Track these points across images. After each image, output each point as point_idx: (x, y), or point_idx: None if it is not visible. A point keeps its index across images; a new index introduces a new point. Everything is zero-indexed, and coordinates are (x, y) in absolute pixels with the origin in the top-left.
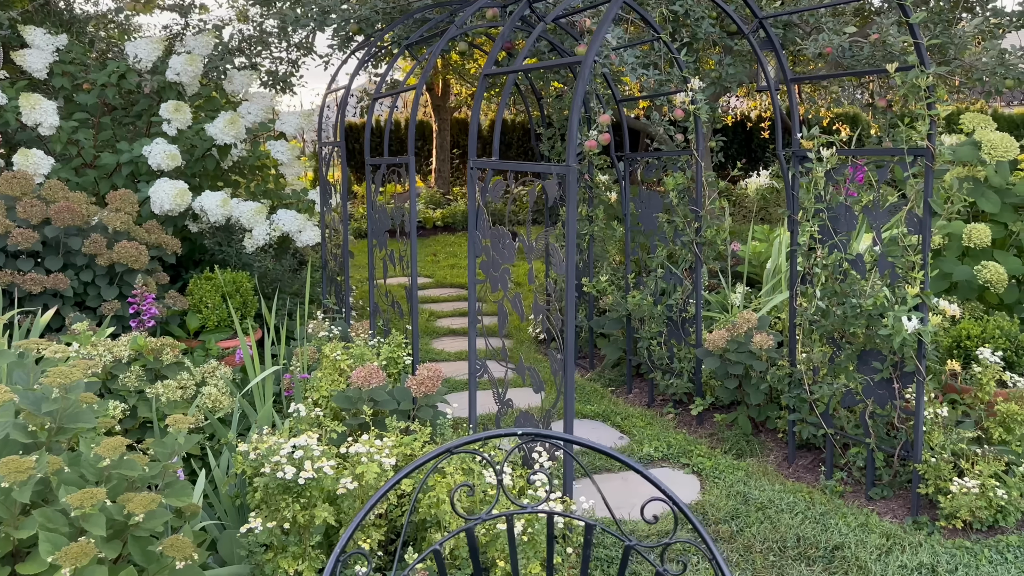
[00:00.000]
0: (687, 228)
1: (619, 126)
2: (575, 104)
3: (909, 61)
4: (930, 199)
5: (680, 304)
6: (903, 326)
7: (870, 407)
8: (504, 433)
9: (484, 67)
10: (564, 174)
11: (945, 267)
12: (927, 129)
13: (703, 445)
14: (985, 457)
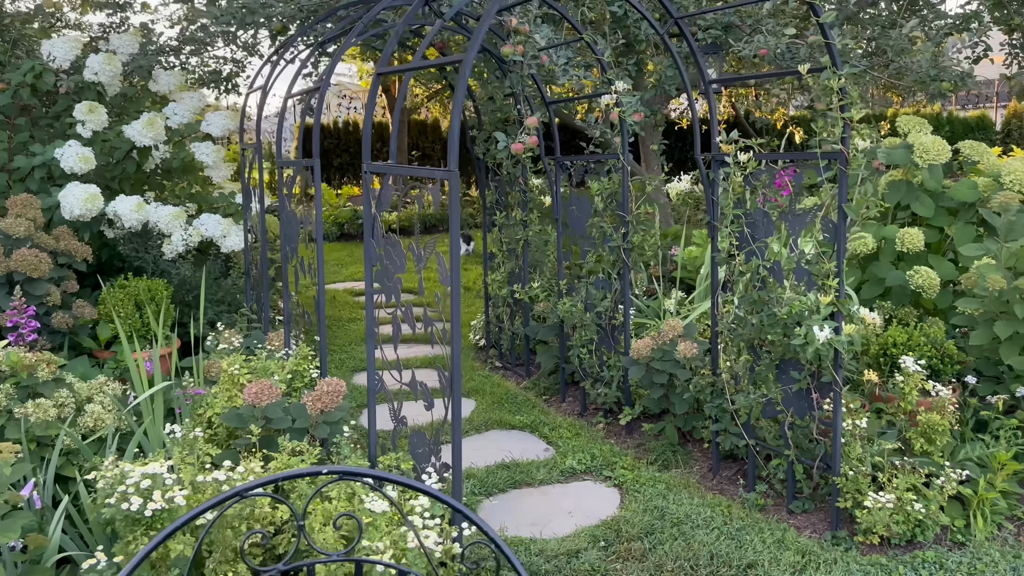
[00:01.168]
0: (615, 233)
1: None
2: (456, 105)
3: (822, 62)
4: (844, 204)
5: (610, 311)
6: (816, 336)
7: (790, 418)
8: (306, 473)
9: (377, 65)
10: (447, 179)
11: (879, 272)
12: (840, 132)
13: (629, 456)
14: (904, 469)
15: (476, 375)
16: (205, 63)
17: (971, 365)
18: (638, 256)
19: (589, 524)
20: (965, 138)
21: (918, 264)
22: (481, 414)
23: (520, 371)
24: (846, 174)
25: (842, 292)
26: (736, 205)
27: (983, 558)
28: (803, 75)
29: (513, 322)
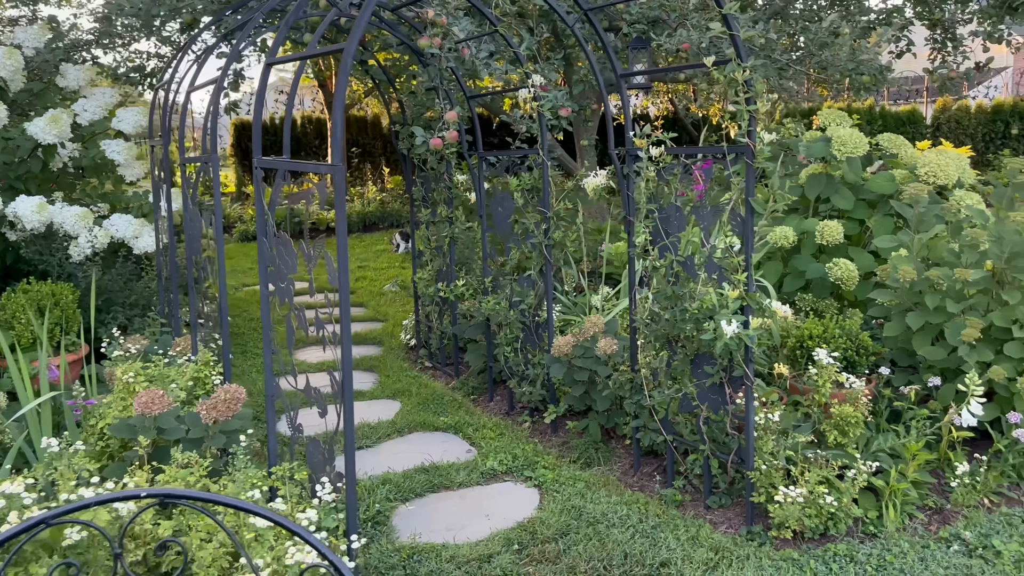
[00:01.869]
0: (536, 230)
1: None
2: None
3: (727, 54)
4: (751, 199)
5: (534, 309)
6: (724, 331)
7: (705, 413)
8: (121, 497)
9: (267, 56)
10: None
11: (800, 265)
12: (746, 125)
13: (551, 455)
14: (817, 462)
15: (404, 376)
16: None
17: (886, 356)
18: (560, 253)
19: (505, 527)
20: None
21: (839, 256)
22: (405, 416)
23: (449, 371)
24: (752, 168)
25: (751, 286)
26: (650, 200)
27: (892, 549)
28: (708, 67)
29: (442, 321)
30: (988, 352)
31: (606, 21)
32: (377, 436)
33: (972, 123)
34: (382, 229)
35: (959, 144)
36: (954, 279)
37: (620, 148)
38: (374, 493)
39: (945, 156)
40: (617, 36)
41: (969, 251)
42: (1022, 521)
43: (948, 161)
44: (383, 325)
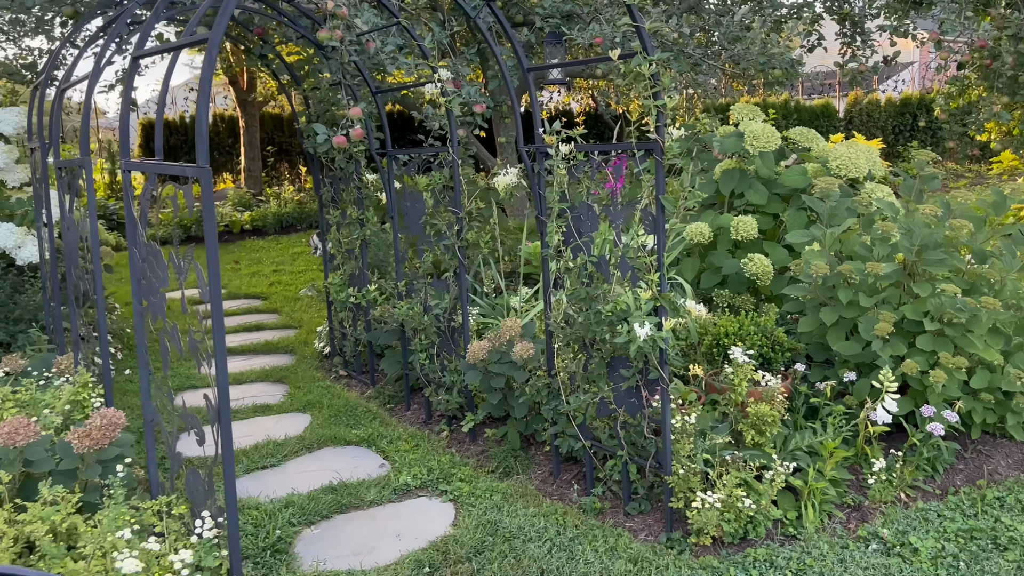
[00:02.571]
0: (448, 231)
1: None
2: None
3: (633, 47)
4: (662, 196)
5: (448, 313)
6: (637, 333)
7: (622, 416)
8: None
9: (133, 49)
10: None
11: (716, 261)
12: (654, 121)
13: (468, 466)
14: (735, 464)
15: (316, 386)
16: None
17: (802, 351)
18: (475, 254)
19: (417, 547)
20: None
21: (754, 252)
22: (315, 430)
23: (365, 379)
24: (662, 165)
25: (664, 286)
26: (562, 199)
27: (812, 552)
28: (615, 61)
29: (356, 327)
30: (901, 346)
31: (520, 15)
32: (283, 453)
33: (882, 116)
34: (300, 230)
35: (870, 136)
36: (866, 273)
37: (530, 145)
38: (275, 517)
39: (856, 149)
40: (531, 30)
41: (880, 244)
42: (937, 516)
43: (859, 154)
44: (296, 332)
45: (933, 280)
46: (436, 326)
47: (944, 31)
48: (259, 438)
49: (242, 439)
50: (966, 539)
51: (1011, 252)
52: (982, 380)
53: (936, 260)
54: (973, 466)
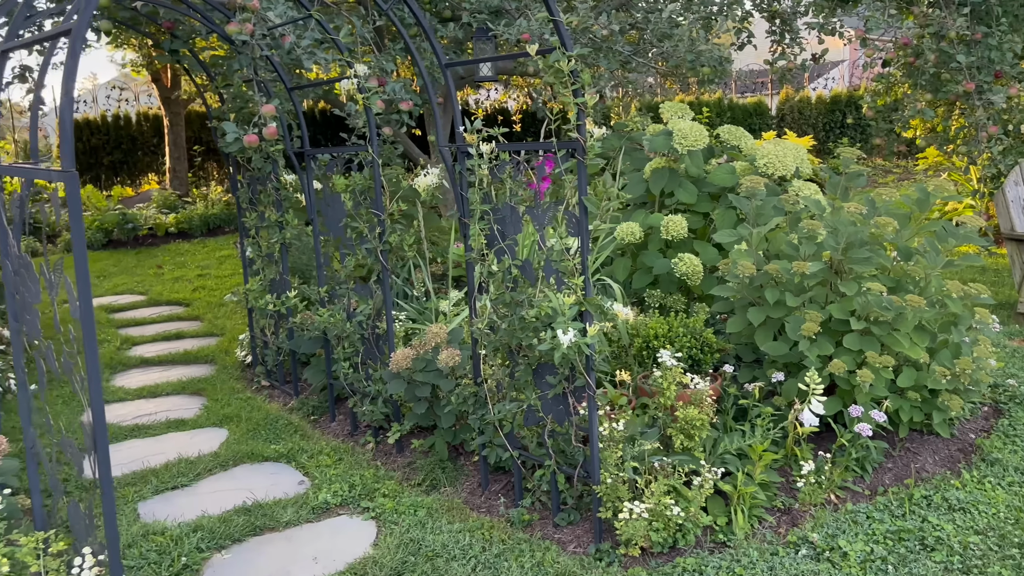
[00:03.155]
0: (370, 234)
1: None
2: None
3: (552, 43)
4: (584, 197)
5: (372, 319)
6: (560, 340)
7: (550, 425)
8: None
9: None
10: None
11: (648, 260)
12: (575, 119)
13: (393, 480)
14: (664, 470)
15: (235, 398)
16: None
17: (732, 352)
18: (397, 257)
19: (335, 571)
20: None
21: (685, 251)
22: (231, 446)
23: (288, 389)
24: (584, 164)
25: (588, 290)
26: (485, 200)
27: (742, 559)
28: (532, 56)
29: (278, 335)
30: (828, 345)
31: (449, 11)
32: (196, 472)
33: (813, 113)
34: (228, 232)
35: (802, 133)
36: (792, 272)
37: (451, 144)
38: (182, 543)
39: (783, 147)
40: (459, 26)
41: (807, 243)
42: (866, 517)
43: (786, 152)
44: (219, 340)
45: (860, 278)
46: (360, 333)
47: (868, 28)
48: (171, 456)
49: (152, 457)
50: (894, 541)
51: (935, 249)
52: (908, 379)
53: (861, 258)
54: (902, 464)
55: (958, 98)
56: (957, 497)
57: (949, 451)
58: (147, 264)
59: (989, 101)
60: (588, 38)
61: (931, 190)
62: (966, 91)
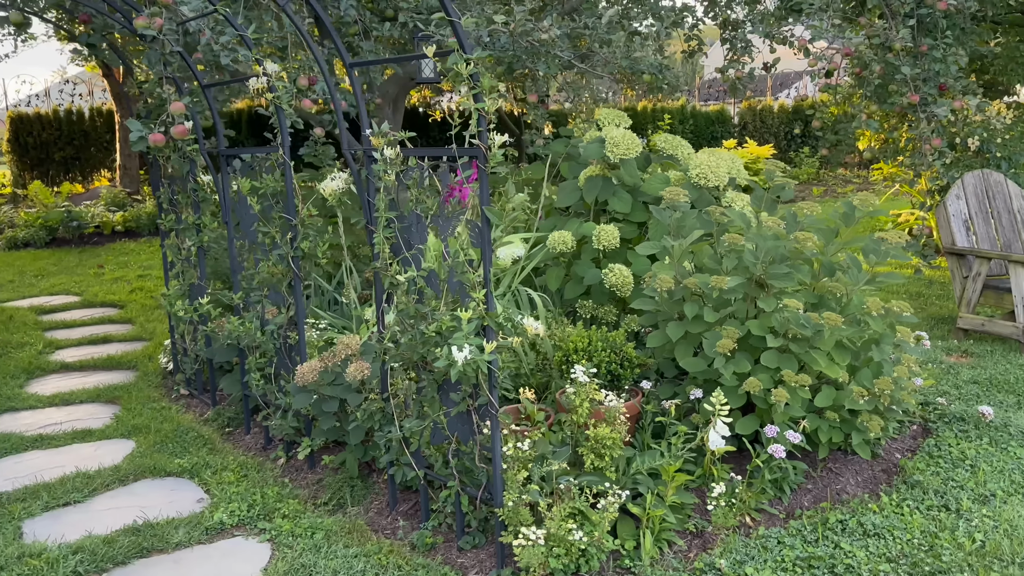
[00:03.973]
0: (282, 239)
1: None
2: None
3: (450, 44)
4: (486, 207)
5: (285, 328)
6: (455, 357)
7: (454, 444)
8: None
9: None
10: None
11: (579, 271)
12: (476, 125)
13: (297, 499)
14: (569, 492)
15: (150, 408)
16: None
17: (653, 367)
18: (311, 265)
19: None
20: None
21: (618, 261)
22: (135, 460)
23: (207, 399)
24: (486, 173)
25: (491, 304)
26: (391, 207)
27: None
28: (430, 57)
29: (197, 342)
30: (746, 362)
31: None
32: (92, 488)
33: (775, 122)
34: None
35: (763, 142)
36: (711, 287)
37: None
38: (58, 567)
39: (717, 157)
40: (395, 25)
41: (728, 257)
42: (778, 542)
43: (719, 162)
44: (146, 345)
45: (782, 294)
46: (274, 343)
47: (812, 38)
48: (69, 469)
49: (49, 471)
50: (804, 568)
51: (856, 265)
52: (827, 398)
53: (781, 274)
54: (822, 485)
55: (903, 110)
56: (873, 522)
57: (872, 472)
58: (89, 264)
59: (933, 114)
60: (527, 42)
61: (856, 204)
62: (911, 103)
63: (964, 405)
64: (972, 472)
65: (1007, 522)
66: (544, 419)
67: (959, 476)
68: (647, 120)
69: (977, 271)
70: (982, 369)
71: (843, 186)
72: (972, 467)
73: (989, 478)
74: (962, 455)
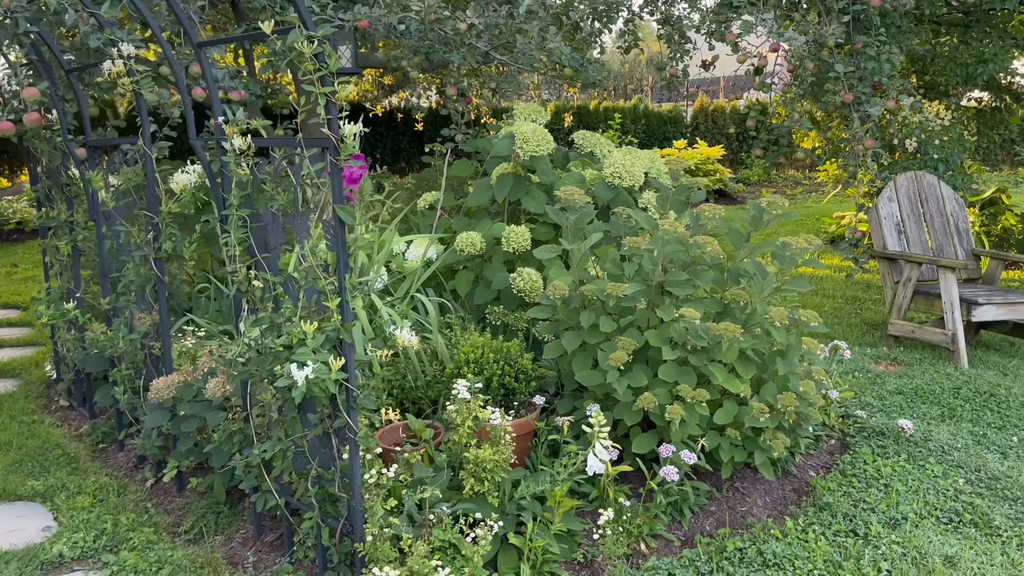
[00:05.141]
0: (142, 238)
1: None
2: None
3: (291, 19)
4: (338, 206)
5: (151, 337)
6: (294, 375)
7: (316, 469)
8: None
9: None
10: None
11: (488, 274)
12: (324, 113)
13: (154, 528)
14: (441, 522)
15: (19, 421)
16: None
17: (552, 380)
18: (178, 267)
19: None
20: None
21: (533, 265)
22: None
23: (84, 411)
24: (338, 167)
25: (346, 315)
26: (247, 204)
27: None
28: (268, 36)
29: (74, 350)
30: (643, 376)
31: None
32: None
33: (727, 123)
34: None
35: (715, 143)
36: (607, 294)
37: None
38: None
39: (633, 156)
40: None
41: (629, 262)
42: (668, 575)
43: (635, 161)
44: (36, 351)
45: (686, 302)
46: (141, 353)
47: (740, 33)
48: None
49: None
50: None
51: (761, 272)
52: (727, 414)
53: (680, 281)
54: (726, 507)
55: (836, 109)
56: (774, 550)
57: (783, 491)
58: (4, 262)
59: (867, 113)
60: (440, 31)
61: (765, 206)
62: (844, 102)
63: (886, 418)
64: (885, 492)
65: (916, 549)
66: (432, 437)
67: (871, 497)
68: (599, 119)
69: (908, 276)
70: (909, 378)
71: (793, 187)
72: (886, 487)
73: (903, 499)
74: (877, 473)
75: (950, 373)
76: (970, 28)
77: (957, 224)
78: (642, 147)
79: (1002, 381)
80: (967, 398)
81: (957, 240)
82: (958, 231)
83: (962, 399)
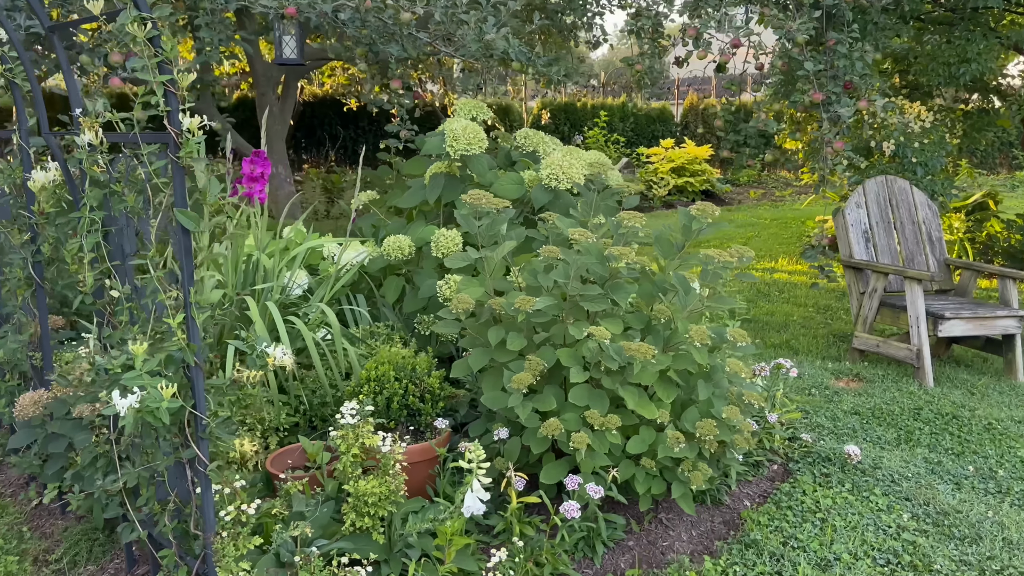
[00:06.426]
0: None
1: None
2: None
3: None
4: (180, 210)
5: (32, 348)
6: (115, 403)
7: (175, 502)
8: None
9: None
10: None
11: (419, 281)
12: (163, 104)
13: (20, 556)
14: (308, 565)
15: None
16: None
17: (464, 400)
18: (59, 274)
19: None
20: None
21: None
22: None
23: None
24: (180, 167)
25: (192, 334)
26: (103, 205)
27: None
28: (96, 15)
29: None
30: (551, 399)
31: None
32: None
33: None
34: None
35: (703, 142)
36: (515, 309)
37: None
38: None
39: (572, 156)
40: None
41: (544, 274)
42: None
43: (573, 162)
44: None
45: (607, 317)
46: (31, 364)
47: (700, 27)
48: None
49: None
50: None
51: (685, 287)
52: (642, 443)
53: (593, 296)
54: (646, 542)
55: (806, 109)
56: None
57: (712, 524)
58: None
59: (837, 114)
60: (377, 20)
61: (695, 214)
62: (813, 101)
63: (835, 442)
64: (821, 529)
65: None
66: (329, 461)
67: (804, 534)
68: (586, 117)
69: (873, 287)
70: (868, 397)
71: (783, 189)
72: (823, 521)
73: (839, 537)
74: (815, 506)
75: (913, 392)
76: (955, 27)
77: (930, 232)
78: (629, 146)
79: (967, 402)
80: (927, 420)
81: (929, 249)
82: (930, 240)
83: (922, 421)
